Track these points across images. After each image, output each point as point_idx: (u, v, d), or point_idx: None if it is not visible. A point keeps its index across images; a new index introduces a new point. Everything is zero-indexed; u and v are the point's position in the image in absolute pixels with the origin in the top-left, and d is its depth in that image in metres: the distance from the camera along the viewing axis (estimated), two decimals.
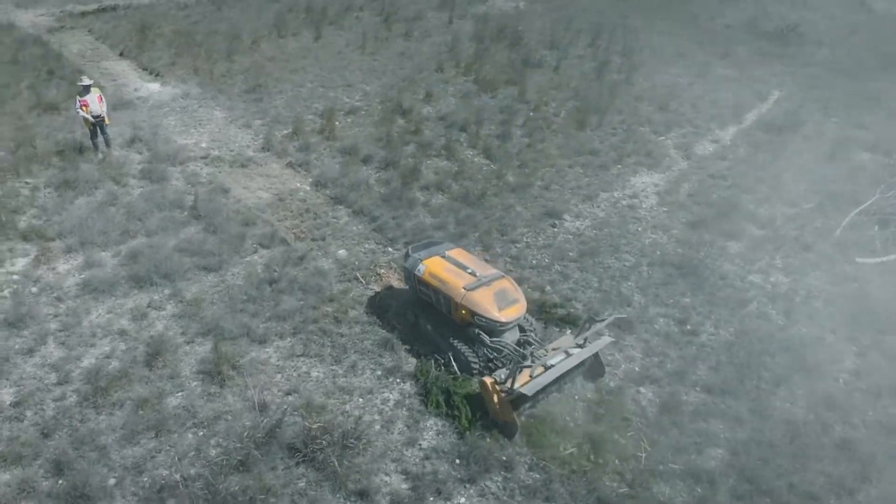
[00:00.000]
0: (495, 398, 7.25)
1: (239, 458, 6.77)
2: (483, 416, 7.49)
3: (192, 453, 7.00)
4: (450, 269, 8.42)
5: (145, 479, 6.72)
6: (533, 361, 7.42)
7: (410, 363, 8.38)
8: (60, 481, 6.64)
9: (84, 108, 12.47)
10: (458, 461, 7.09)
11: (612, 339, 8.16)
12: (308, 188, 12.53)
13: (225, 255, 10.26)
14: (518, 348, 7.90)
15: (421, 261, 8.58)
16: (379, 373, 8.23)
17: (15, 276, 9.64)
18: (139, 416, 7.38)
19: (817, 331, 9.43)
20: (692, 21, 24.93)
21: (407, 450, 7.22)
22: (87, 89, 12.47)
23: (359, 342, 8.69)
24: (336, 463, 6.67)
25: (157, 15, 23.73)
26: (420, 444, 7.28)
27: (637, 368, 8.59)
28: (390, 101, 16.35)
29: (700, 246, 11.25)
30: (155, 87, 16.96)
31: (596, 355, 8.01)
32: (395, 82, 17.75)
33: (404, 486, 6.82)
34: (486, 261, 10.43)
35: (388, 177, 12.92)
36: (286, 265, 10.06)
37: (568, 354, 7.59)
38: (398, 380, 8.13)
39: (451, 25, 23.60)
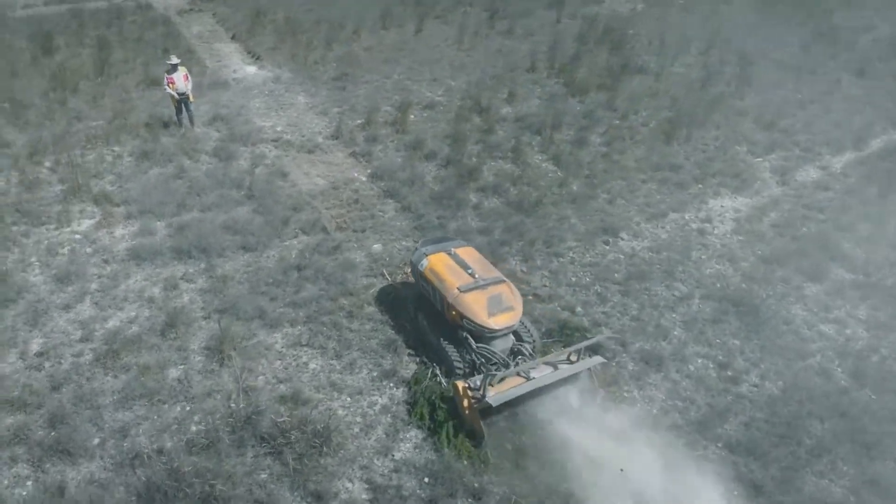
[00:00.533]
0: (465, 402, 6.98)
1: (208, 440, 6.80)
2: (466, 436, 7.07)
3: (175, 426, 7.14)
4: (451, 266, 8.11)
5: (126, 444, 6.94)
6: (518, 372, 7.08)
7: (410, 369, 8.09)
8: (52, 433, 7.00)
9: (171, 85, 13.22)
10: (426, 479, 6.72)
11: (604, 360, 7.67)
12: (364, 179, 12.52)
13: (266, 237, 10.47)
14: (505, 357, 7.52)
15: (426, 255, 8.36)
16: (375, 374, 8.01)
17: (77, 236, 10.38)
18: (139, 382, 7.65)
19: (888, 400, 8.04)
20: (831, 33, 22.41)
21: (378, 458, 6.95)
22: (174, 68, 13.20)
23: (365, 340, 8.51)
24: (291, 460, 6.52)
25: (277, 2, 24.88)
26: (393, 455, 6.98)
27: (654, 411, 7.74)
28: (471, 98, 16.03)
29: (770, 283, 10.00)
30: (252, 69, 17.76)
31: (590, 376, 7.54)
32: (482, 80, 17.39)
33: (364, 496, 6.56)
34: (524, 272, 9.93)
35: (445, 175, 12.65)
36: (318, 254, 10.06)
37: (555, 370, 7.14)
38: (391, 384, 7.87)
39: (557, 25, 22.84)
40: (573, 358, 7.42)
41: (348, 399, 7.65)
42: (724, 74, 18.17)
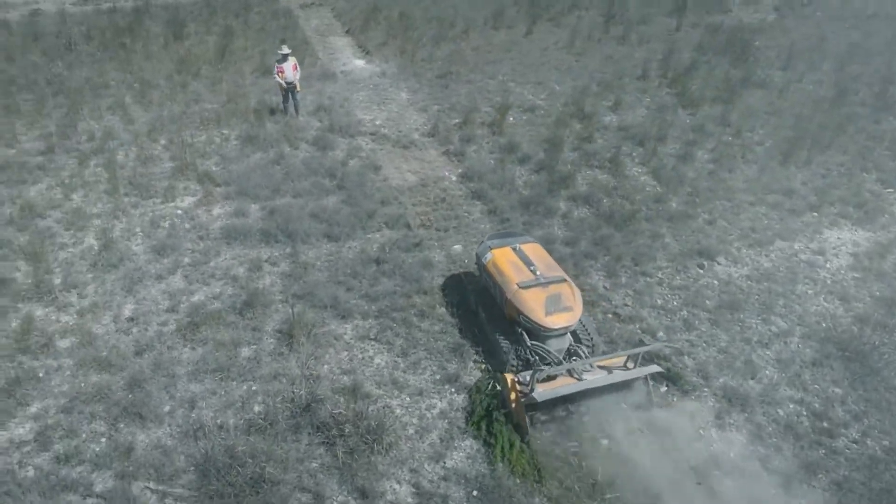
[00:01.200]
0: (512, 395, 6.96)
1: (268, 422, 6.93)
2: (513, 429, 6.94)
3: (239, 404, 7.35)
4: (514, 262, 8.03)
5: (193, 415, 7.22)
6: (570, 372, 7.08)
7: (473, 376, 7.89)
8: (130, 395, 7.40)
9: (280, 74, 13.75)
10: (475, 493, 6.50)
11: (660, 370, 7.43)
12: (454, 178, 12.44)
13: (350, 228, 10.62)
14: (559, 357, 7.43)
15: (490, 249, 8.32)
16: (438, 377, 7.88)
17: (179, 212, 10.99)
18: (213, 356, 7.94)
19: None
20: None
21: (429, 464, 6.81)
22: (284, 58, 13.71)
23: (432, 341, 8.39)
24: (341, 454, 6.51)
25: None
26: (444, 463, 6.82)
27: (732, 455, 7.09)
28: (574, 103, 15.55)
29: (886, 329, 8.95)
30: (360, 63, 18.18)
31: (646, 385, 7.37)
32: (589, 85, 16.84)
33: (410, 500, 6.44)
34: (607, 289, 9.46)
35: (537, 180, 12.32)
36: (398, 249, 10.08)
37: (609, 374, 7.05)
38: (453, 389, 7.70)
39: (676, 33, 21.75)
40: (629, 364, 7.23)
41: (407, 399, 7.56)
42: (858, 94, 16.56)
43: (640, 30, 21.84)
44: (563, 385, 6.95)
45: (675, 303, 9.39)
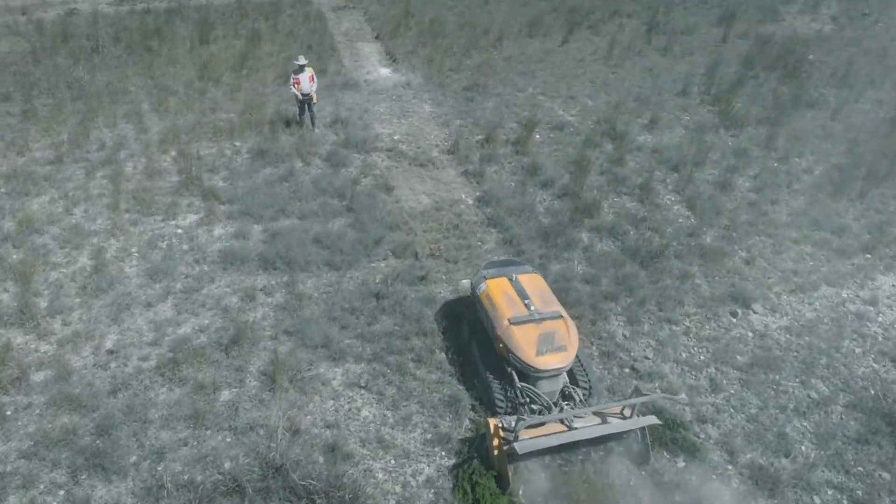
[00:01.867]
0: (494, 442, 6.42)
1: (236, 484, 6.32)
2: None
3: (210, 458, 6.77)
4: (508, 294, 7.56)
5: (159, 468, 6.67)
6: (562, 419, 6.50)
7: (467, 435, 7.13)
8: (97, 441, 6.90)
9: (295, 85, 13.21)
10: None
11: (660, 423, 6.70)
12: (470, 202, 11.69)
13: (354, 256, 9.99)
14: (550, 401, 6.91)
15: (485, 279, 7.88)
16: (429, 436, 7.16)
17: (179, 231, 10.53)
18: (191, 399, 7.40)
19: None
20: None
21: None
22: (301, 69, 13.15)
23: (427, 392, 7.68)
24: None
25: (428, 2, 24.70)
26: None
27: None
28: (606, 121, 14.61)
29: None
30: (385, 72, 17.55)
31: (643, 437, 6.72)
32: (625, 101, 15.85)
33: None
34: (626, 337, 8.60)
35: (559, 207, 11.47)
36: (402, 282, 9.39)
37: (603, 423, 6.50)
38: (443, 452, 6.98)
39: (723, 45, 20.50)
40: (626, 413, 6.67)
41: (392, 461, 6.86)
42: None
43: (683, 40, 20.68)
44: (550, 435, 6.35)
45: (702, 357, 8.45)
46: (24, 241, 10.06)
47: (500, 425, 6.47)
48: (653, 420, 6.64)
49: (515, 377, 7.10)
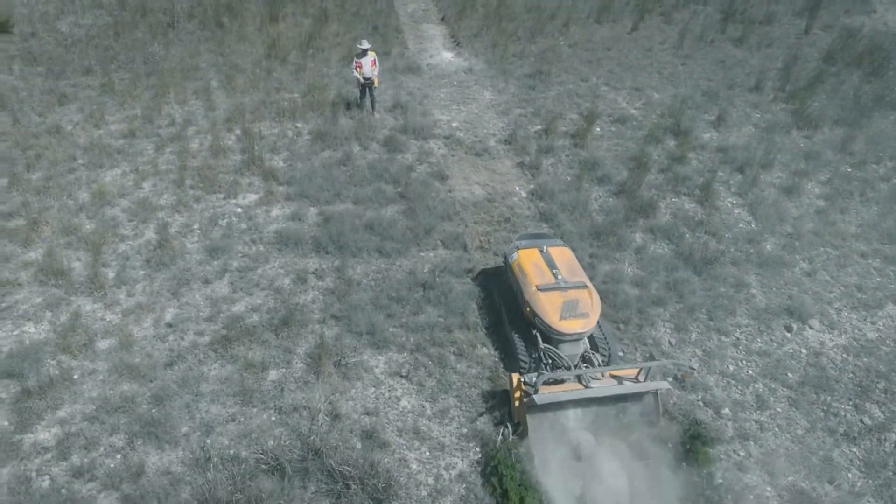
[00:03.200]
0: (516, 394, 7.02)
1: (277, 463, 6.62)
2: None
3: (255, 435, 7.10)
4: (537, 263, 8.12)
5: (208, 441, 7.04)
6: (579, 378, 6.98)
7: (498, 439, 7.22)
8: (153, 410, 7.34)
9: (358, 68, 13.35)
10: None
11: (669, 387, 7.22)
12: (524, 195, 11.63)
13: (404, 244, 10.13)
14: (571, 362, 7.39)
15: (518, 249, 8.44)
16: (465, 430, 7.29)
17: (238, 209, 10.92)
18: (241, 376, 7.74)
19: None
20: None
21: None
22: (364, 53, 13.28)
23: (466, 387, 7.80)
24: None
25: None
26: None
27: None
28: (671, 116, 14.19)
29: None
30: (448, 56, 17.49)
31: (655, 401, 6.99)
32: (692, 95, 15.33)
33: None
34: (672, 345, 8.46)
35: (614, 205, 11.28)
36: (449, 273, 9.49)
37: (619, 384, 6.91)
38: (477, 448, 7.08)
39: (804, 37, 19.46)
40: (640, 377, 7.03)
41: (427, 453, 7.03)
42: None
43: (761, 31, 19.74)
44: (567, 391, 6.79)
45: (750, 371, 8.24)
46: (96, 212, 10.64)
47: (522, 379, 6.97)
48: (665, 385, 6.99)
49: (539, 339, 7.60)
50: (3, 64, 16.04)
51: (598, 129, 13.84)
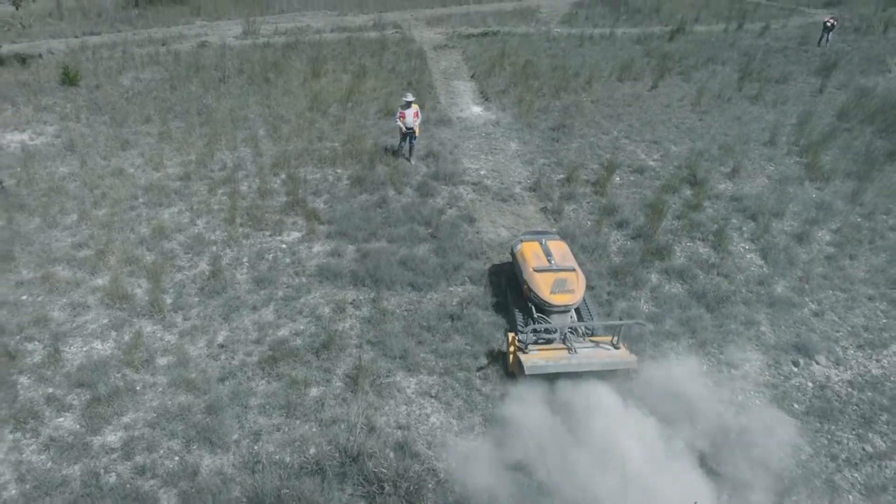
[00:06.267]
0: (511, 349, 8.69)
1: (318, 466, 7.33)
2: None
3: (298, 443, 7.82)
4: (536, 252, 9.88)
5: (256, 447, 7.79)
6: (564, 340, 8.69)
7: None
8: (207, 419, 8.12)
9: (401, 118, 14.54)
10: None
11: (636, 361, 8.59)
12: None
13: (434, 279, 10.95)
14: (556, 328, 8.82)
15: (522, 241, 10.24)
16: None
17: (283, 245, 11.90)
18: (286, 392, 8.53)
19: None
20: None
21: None
22: (408, 104, 14.48)
23: (492, 407, 8.45)
24: None
25: (525, 44, 25.92)
26: None
27: None
28: (688, 167, 15.02)
29: None
30: (477, 110, 18.69)
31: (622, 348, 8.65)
32: (709, 148, 16.19)
33: None
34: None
35: (631, 247, 12.03)
36: (475, 306, 10.26)
37: (597, 347, 8.63)
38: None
39: (819, 95, 20.35)
40: (615, 341, 8.61)
41: (454, 465, 7.66)
42: None
43: (777, 89, 20.71)
44: (554, 362, 8.30)
45: (757, 402, 8.76)
46: (156, 245, 11.71)
47: (516, 337, 8.69)
48: (633, 364, 8.46)
49: (534, 310, 9.25)
50: (72, 113, 17.63)
51: (617, 178, 14.71)
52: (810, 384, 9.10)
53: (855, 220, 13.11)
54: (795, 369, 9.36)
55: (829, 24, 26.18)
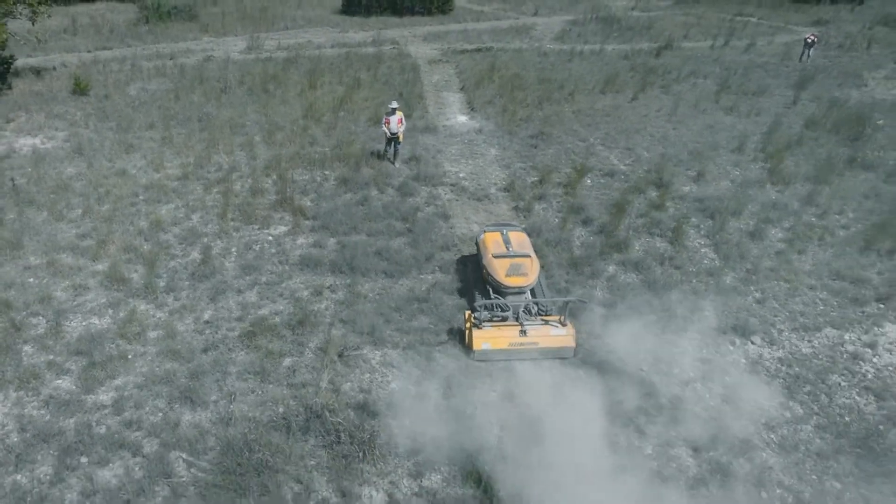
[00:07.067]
0: (467, 325, 9.63)
1: (286, 422, 8.21)
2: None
3: (269, 403, 8.72)
4: (497, 241, 10.80)
5: (231, 406, 8.68)
6: (517, 320, 9.71)
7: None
8: (189, 383, 9.04)
9: (386, 124, 15.59)
10: None
11: (574, 341, 9.65)
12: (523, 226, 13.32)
13: (407, 268, 11.86)
14: (509, 307, 9.79)
15: (485, 231, 11.28)
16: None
17: (270, 238, 12.88)
18: (262, 361, 9.43)
19: None
20: None
21: (408, 480, 7.71)
22: (393, 111, 15.53)
23: (447, 375, 9.30)
24: (326, 455, 7.61)
25: (516, 59, 27.02)
26: (421, 481, 7.68)
27: None
28: (656, 171, 15.92)
29: None
30: (462, 119, 19.72)
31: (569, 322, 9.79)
32: (678, 154, 17.09)
33: None
34: None
35: (593, 241, 12.91)
36: (442, 291, 11.15)
37: (545, 324, 9.71)
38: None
39: (793, 106, 21.25)
40: (563, 321, 9.65)
41: (408, 423, 8.50)
42: None
43: (753, 101, 21.63)
44: (502, 350, 9.42)
45: (691, 373, 9.58)
46: (153, 236, 12.72)
47: (471, 314, 9.65)
48: (569, 353, 9.54)
49: (491, 291, 10.22)
50: (81, 120, 18.82)
51: (588, 181, 15.64)
52: (743, 360, 9.91)
53: (808, 220, 13.92)
54: (732, 348, 10.17)
55: (809, 41, 27.14)
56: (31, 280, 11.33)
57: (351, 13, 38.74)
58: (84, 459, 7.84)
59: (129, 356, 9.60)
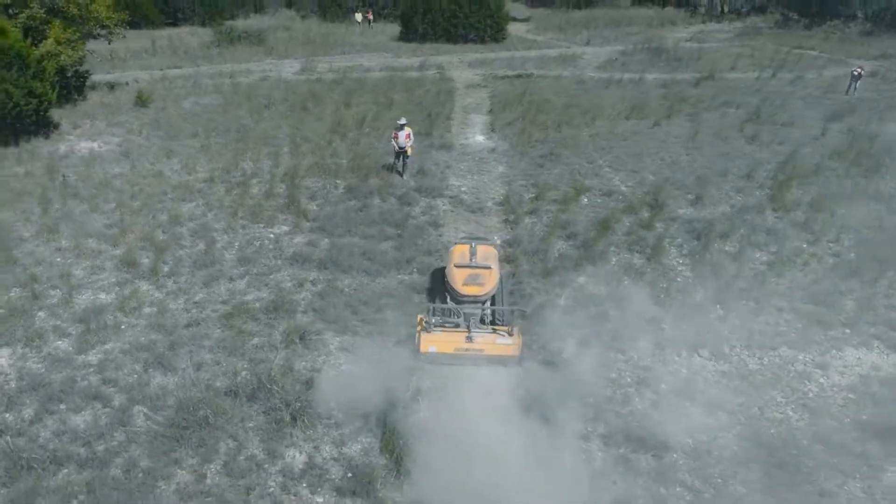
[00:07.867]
0: (418, 327, 10.17)
1: (238, 389, 9.21)
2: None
3: (231, 373, 9.74)
4: (463, 252, 11.05)
5: (197, 374, 9.76)
6: (467, 325, 10.09)
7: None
8: (165, 351, 10.21)
9: (395, 139, 16.69)
10: (349, 475, 8.03)
11: (518, 359, 9.88)
12: (498, 242, 14.00)
13: (387, 268, 12.77)
14: (461, 313, 10.26)
15: (455, 244, 11.80)
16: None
17: (271, 235, 14.11)
18: (232, 339, 10.51)
19: None
20: None
21: (329, 446, 8.50)
22: (401, 127, 16.65)
23: (395, 361, 10.07)
24: (263, 420, 8.54)
25: (554, 85, 27.75)
26: (342, 449, 8.45)
27: None
28: (654, 193, 16.21)
29: (841, 453, 8.59)
30: (480, 138, 20.60)
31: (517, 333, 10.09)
32: (684, 178, 17.29)
33: (299, 466, 8.18)
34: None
35: (570, 254, 13.40)
36: (413, 290, 11.97)
37: (493, 333, 10.11)
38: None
39: (821, 138, 20.92)
40: (512, 331, 9.98)
41: (345, 399, 9.31)
42: None
43: (779, 131, 21.41)
44: (446, 354, 9.82)
45: (628, 379, 9.93)
46: (170, 229, 14.19)
47: (423, 318, 10.19)
48: (513, 361, 9.82)
49: (449, 299, 10.64)
50: (137, 128, 20.94)
51: (585, 199, 16.12)
52: (684, 370, 10.17)
53: (798, 245, 13.87)
54: (677, 359, 10.44)
55: (856, 74, 26.50)
56: (59, 259, 12.95)
57: (408, 40, 40.54)
58: (62, 406, 9.07)
59: (122, 326, 10.90)
